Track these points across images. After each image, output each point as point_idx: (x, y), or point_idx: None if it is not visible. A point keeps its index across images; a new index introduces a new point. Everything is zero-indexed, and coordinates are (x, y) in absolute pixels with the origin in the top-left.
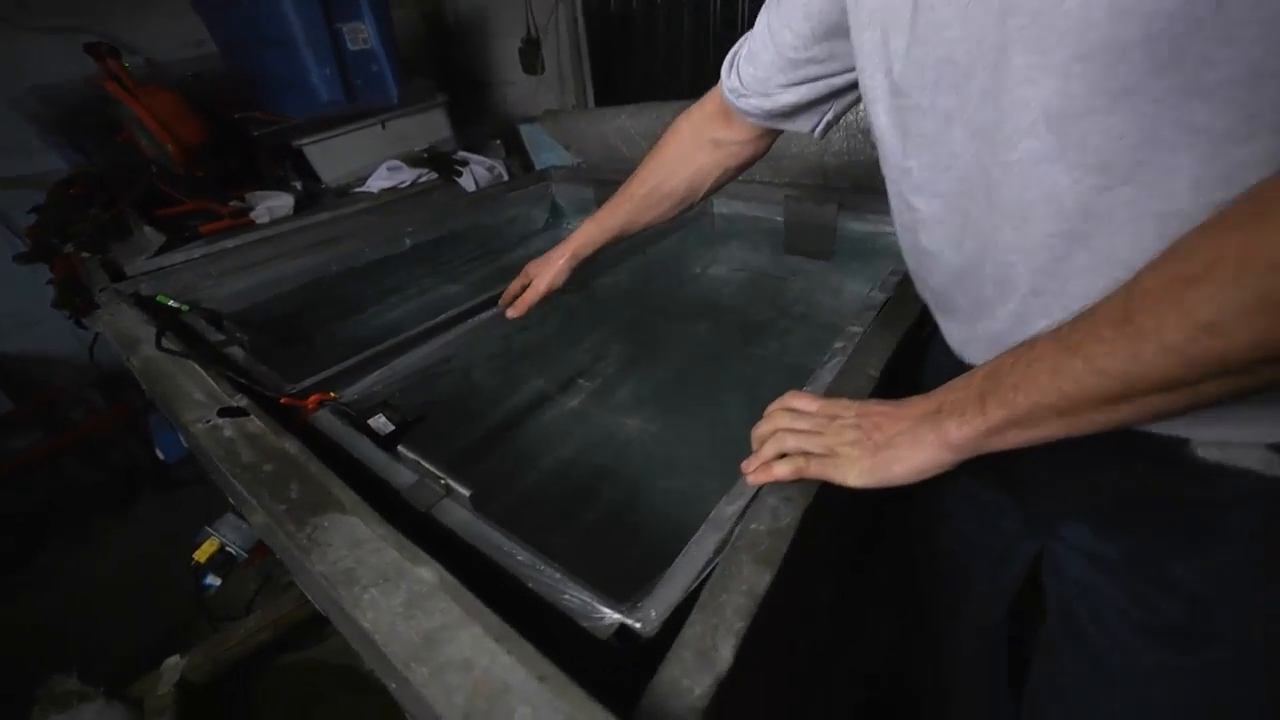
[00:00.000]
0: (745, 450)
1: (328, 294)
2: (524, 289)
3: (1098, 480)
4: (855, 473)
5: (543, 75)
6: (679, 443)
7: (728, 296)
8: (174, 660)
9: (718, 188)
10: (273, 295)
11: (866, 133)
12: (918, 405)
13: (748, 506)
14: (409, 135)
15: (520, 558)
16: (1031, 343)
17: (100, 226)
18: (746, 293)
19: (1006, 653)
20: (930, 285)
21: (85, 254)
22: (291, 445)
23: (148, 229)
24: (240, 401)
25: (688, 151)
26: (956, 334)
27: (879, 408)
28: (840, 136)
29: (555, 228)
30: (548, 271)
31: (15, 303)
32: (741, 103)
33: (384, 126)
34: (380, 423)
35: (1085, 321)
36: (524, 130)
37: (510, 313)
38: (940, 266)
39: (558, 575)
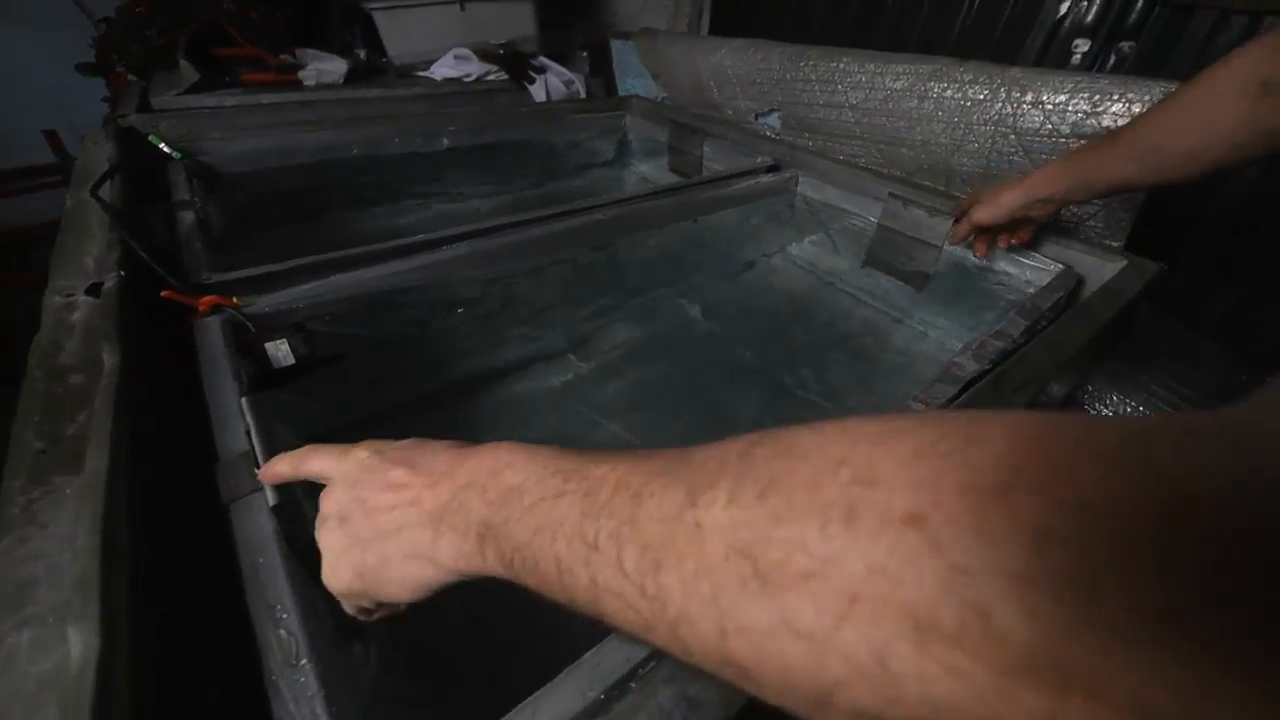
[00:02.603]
0: None
1: (338, 178)
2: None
3: None
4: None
5: None
6: None
7: (780, 299)
8: None
9: (1239, 160)
10: (282, 165)
11: (1021, 134)
12: (434, 480)
13: (645, 664)
14: (488, 24)
15: (283, 634)
16: (595, 464)
17: (151, 51)
18: (803, 300)
19: None
20: None
21: (132, 77)
22: (111, 357)
23: (183, 63)
24: (110, 279)
25: (1217, 96)
26: None
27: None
28: (986, 132)
29: (619, 165)
30: (988, 203)
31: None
32: None
33: (463, 7)
34: (281, 350)
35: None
36: (615, 46)
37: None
38: None
39: (311, 690)
